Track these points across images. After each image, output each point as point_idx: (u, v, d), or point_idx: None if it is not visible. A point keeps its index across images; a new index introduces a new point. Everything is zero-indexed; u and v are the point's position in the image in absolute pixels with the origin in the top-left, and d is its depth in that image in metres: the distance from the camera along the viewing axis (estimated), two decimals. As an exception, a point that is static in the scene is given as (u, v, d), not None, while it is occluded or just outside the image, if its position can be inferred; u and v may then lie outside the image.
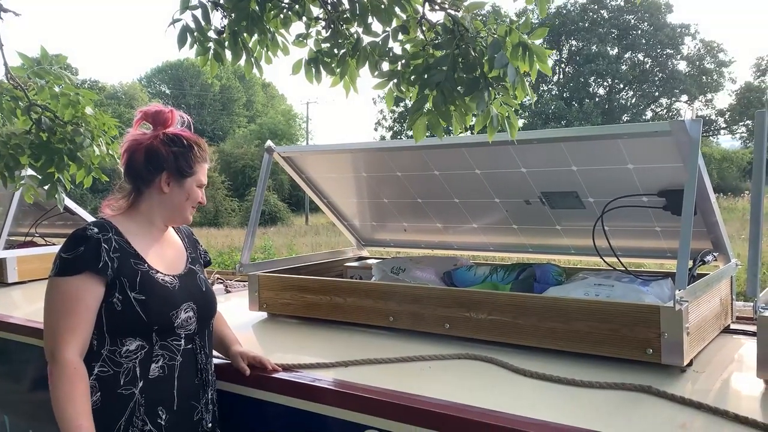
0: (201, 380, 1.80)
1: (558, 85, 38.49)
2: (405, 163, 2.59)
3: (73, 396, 1.59)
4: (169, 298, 1.75)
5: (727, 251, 2.19)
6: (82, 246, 1.66)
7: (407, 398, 1.62)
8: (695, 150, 1.81)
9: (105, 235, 1.70)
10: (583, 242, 2.52)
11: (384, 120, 40.27)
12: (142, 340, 1.70)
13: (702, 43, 37.86)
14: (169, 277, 1.79)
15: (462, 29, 3.00)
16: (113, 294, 1.68)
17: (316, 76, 3.52)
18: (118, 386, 1.66)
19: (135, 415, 1.66)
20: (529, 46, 2.89)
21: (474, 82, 2.92)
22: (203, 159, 1.87)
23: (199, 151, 1.86)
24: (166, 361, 1.73)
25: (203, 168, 1.88)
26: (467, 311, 2.04)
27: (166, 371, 1.72)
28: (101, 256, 1.67)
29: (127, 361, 1.68)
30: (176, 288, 1.78)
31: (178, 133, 1.85)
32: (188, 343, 1.78)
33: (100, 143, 3.33)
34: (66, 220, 4.43)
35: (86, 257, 1.65)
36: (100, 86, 41.72)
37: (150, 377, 1.69)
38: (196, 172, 1.85)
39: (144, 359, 1.69)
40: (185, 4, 3.22)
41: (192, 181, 1.84)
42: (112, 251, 1.69)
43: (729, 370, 1.79)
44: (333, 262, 3.05)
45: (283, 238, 20.81)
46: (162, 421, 1.70)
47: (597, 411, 1.52)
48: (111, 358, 1.67)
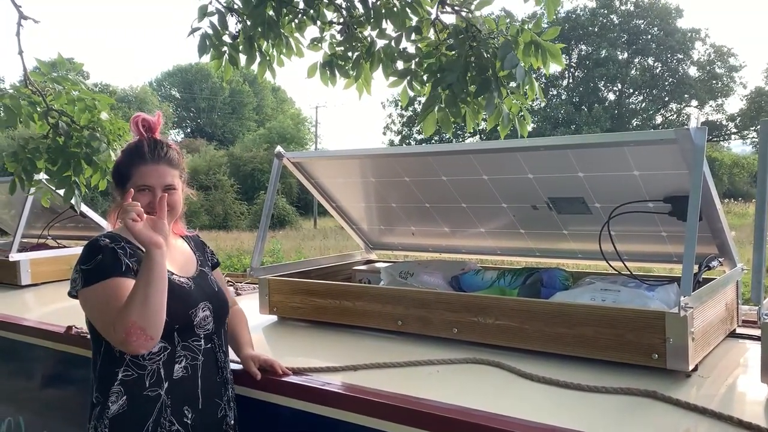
0: (222, 378, 1.84)
1: (567, 89, 38.41)
2: (413, 169, 2.62)
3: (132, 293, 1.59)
4: (187, 298, 1.78)
5: (732, 256, 2.20)
6: (99, 255, 1.68)
7: (415, 402, 1.65)
8: (700, 157, 1.83)
9: (117, 243, 1.72)
10: (589, 247, 2.54)
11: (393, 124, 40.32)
12: (165, 342, 1.72)
13: (712, 47, 37.70)
14: (184, 278, 1.83)
15: (474, 30, 3.04)
16: None
17: (331, 79, 3.59)
18: (144, 388, 1.68)
19: (162, 415, 1.69)
20: (541, 44, 2.92)
21: (485, 83, 2.96)
22: (142, 160, 1.78)
23: (134, 153, 1.80)
24: (189, 362, 1.76)
25: (143, 170, 1.77)
26: (475, 316, 2.06)
27: (190, 371, 1.75)
28: (122, 260, 1.69)
29: (151, 364, 1.70)
30: (192, 288, 1.82)
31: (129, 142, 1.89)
32: (207, 343, 1.81)
33: (115, 147, 3.39)
34: (78, 223, 4.48)
35: (107, 263, 1.67)
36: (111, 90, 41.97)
37: (174, 378, 1.72)
38: (131, 176, 1.78)
39: (167, 361, 1.72)
40: (203, 11, 3.29)
41: (129, 186, 1.76)
42: (128, 256, 1.71)
43: (734, 375, 1.81)
44: (342, 265, 3.08)
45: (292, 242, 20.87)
46: (188, 420, 1.72)
47: (603, 415, 1.53)
48: (134, 362, 1.69)
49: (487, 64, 2.98)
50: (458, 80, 2.98)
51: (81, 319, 2.60)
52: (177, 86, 55.38)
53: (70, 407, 2.68)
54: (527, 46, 2.95)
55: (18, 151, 3.22)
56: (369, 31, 3.43)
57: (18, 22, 3.27)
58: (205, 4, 3.27)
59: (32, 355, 2.83)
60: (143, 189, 1.76)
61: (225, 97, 53.66)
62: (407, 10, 3.23)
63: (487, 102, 3.01)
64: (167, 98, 53.13)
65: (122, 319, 1.56)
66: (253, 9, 3.21)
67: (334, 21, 3.52)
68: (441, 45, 3.22)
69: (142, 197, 1.75)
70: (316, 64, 3.56)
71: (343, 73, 3.55)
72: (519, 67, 2.82)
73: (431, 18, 3.31)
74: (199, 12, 3.28)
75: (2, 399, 3.03)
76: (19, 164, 3.22)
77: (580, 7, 37.80)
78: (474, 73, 3.02)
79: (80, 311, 1.73)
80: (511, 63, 2.82)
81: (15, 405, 2.95)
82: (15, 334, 2.89)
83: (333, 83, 3.58)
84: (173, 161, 1.84)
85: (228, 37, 3.41)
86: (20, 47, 3.29)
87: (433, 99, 3.06)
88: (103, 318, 1.64)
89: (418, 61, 3.30)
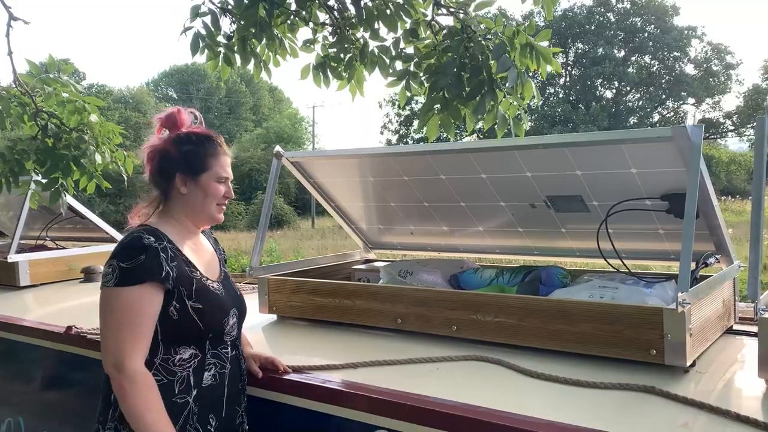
0: (243, 386, 1.85)
1: (564, 88, 38.42)
2: (411, 168, 2.63)
3: (149, 405, 1.58)
4: (221, 305, 1.76)
5: (729, 253, 2.22)
6: (142, 255, 1.63)
7: (416, 399, 1.66)
8: (697, 154, 1.84)
9: (160, 243, 1.68)
10: (587, 245, 2.55)
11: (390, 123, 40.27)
12: (196, 348, 1.70)
13: (709, 45, 37.70)
14: (216, 283, 1.80)
15: (470, 31, 3.05)
16: (171, 302, 1.66)
17: (324, 81, 3.59)
18: (173, 395, 1.66)
19: (188, 422, 1.67)
20: (535, 47, 2.94)
21: (479, 86, 2.97)
22: (218, 152, 1.82)
23: (211, 145, 1.82)
24: (218, 369, 1.74)
25: (220, 161, 1.82)
26: (474, 313, 2.07)
27: (218, 379, 1.74)
28: (163, 266, 1.64)
29: (181, 370, 1.67)
30: (223, 294, 1.80)
31: (190, 131, 1.83)
32: (233, 350, 1.81)
33: (103, 150, 3.39)
34: (76, 224, 4.49)
35: (148, 266, 1.62)
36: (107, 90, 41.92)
37: (203, 385, 1.70)
38: (211, 167, 1.80)
39: (197, 368, 1.70)
40: (195, 11, 3.29)
41: (208, 176, 1.79)
42: (170, 260, 1.67)
43: (731, 370, 1.82)
44: (341, 264, 3.09)
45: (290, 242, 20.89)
46: (211, 428, 1.71)
47: (602, 411, 1.55)
48: (164, 367, 1.66)
49: (481, 66, 2.99)
50: (452, 83, 2.99)
51: (80, 319, 2.63)
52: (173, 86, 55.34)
53: (70, 407, 2.68)
54: (523, 48, 2.96)
55: (6, 152, 3.22)
56: (361, 33, 3.44)
57: (8, 23, 3.27)
58: (197, 4, 3.28)
59: (32, 355, 2.84)
60: (222, 180, 1.82)
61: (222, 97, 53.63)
62: (400, 13, 3.23)
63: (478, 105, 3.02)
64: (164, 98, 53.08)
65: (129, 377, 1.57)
66: (245, 10, 3.22)
67: (326, 23, 3.53)
68: (438, 46, 3.23)
69: (221, 187, 1.82)
70: (309, 65, 3.57)
71: (336, 74, 3.56)
72: (512, 69, 2.83)
73: (427, 19, 3.32)
74: (191, 12, 3.29)
75: (2, 400, 3.03)
76: (7, 165, 3.22)
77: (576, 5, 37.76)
78: (469, 74, 3.03)
79: (79, 311, 1.73)
80: (504, 65, 2.83)
81: (15, 405, 2.95)
82: (14, 334, 2.89)
83: (326, 85, 3.59)
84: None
85: (223, 37, 3.42)
86: (9, 48, 3.29)
87: (431, 102, 3.06)
88: (113, 329, 1.61)
89: (417, 61, 3.30)
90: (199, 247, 1.85)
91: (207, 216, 1.84)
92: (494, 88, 2.98)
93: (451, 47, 3.09)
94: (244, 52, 3.40)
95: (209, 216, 1.84)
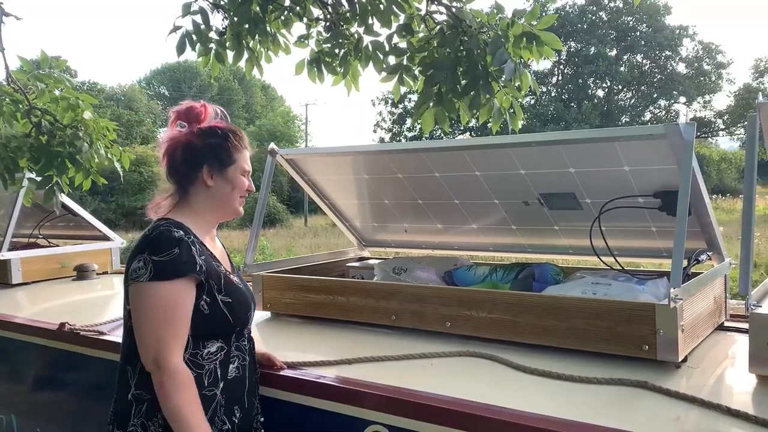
0: (258, 378, 1.86)
1: (557, 86, 38.53)
2: (406, 165, 2.64)
3: (189, 400, 1.57)
4: (246, 299, 1.78)
5: (720, 250, 2.24)
6: (176, 248, 1.61)
7: (410, 394, 1.67)
8: (689, 152, 1.86)
9: (189, 237, 1.67)
10: (580, 242, 2.57)
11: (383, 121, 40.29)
12: (223, 342, 1.70)
13: (700, 44, 37.91)
14: (234, 276, 1.82)
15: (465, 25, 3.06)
16: (201, 297, 1.65)
17: (319, 76, 3.60)
18: (203, 387, 1.65)
19: (216, 415, 1.67)
20: (534, 34, 2.94)
21: (474, 80, 2.98)
22: (242, 146, 1.83)
23: (236, 139, 1.82)
24: (241, 362, 1.75)
25: (244, 155, 1.84)
26: (468, 310, 2.08)
27: (241, 371, 1.75)
28: (196, 259, 1.64)
29: (209, 363, 1.67)
30: (244, 288, 1.81)
31: (213, 125, 1.83)
32: (249, 343, 1.83)
33: (98, 147, 3.37)
34: (68, 222, 4.47)
35: (184, 260, 1.61)
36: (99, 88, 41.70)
37: (228, 378, 1.70)
38: (237, 160, 1.80)
39: (223, 360, 1.70)
40: (186, 9, 3.29)
41: (234, 169, 1.80)
42: (199, 253, 1.67)
43: (722, 365, 1.84)
44: (335, 262, 3.10)
45: (282, 240, 20.84)
46: (236, 419, 1.72)
47: (595, 406, 1.56)
48: (193, 361, 1.65)
49: (477, 59, 3.00)
50: (448, 77, 3.01)
51: (73, 316, 2.62)
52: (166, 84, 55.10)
53: (64, 405, 2.68)
54: (518, 38, 2.96)
55: (0, 150, 3.20)
56: (356, 28, 3.44)
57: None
58: (189, 2, 3.27)
59: (24, 352, 2.83)
60: (246, 173, 1.84)
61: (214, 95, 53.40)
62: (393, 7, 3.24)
63: (473, 99, 3.03)
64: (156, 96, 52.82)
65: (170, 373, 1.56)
66: (239, 6, 3.21)
67: (320, 18, 3.53)
68: (433, 39, 3.24)
69: (245, 181, 1.83)
70: (303, 61, 3.57)
71: (330, 70, 3.57)
72: (509, 63, 2.84)
73: (421, 14, 3.33)
74: (183, 9, 3.28)
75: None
76: (1, 163, 3.20)
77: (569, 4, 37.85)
78: (464, 68, 3.04)
79: (72, 309, 1.73)
80: (501, 59, 2.84)
81: (7, 404, 2.94)
82: (7, 332, 2.88)
83: (321, 80, 3.59)
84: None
85: (215, 34, 3.41)
86: (1, 45, 3.27)
87: (426, 96, 3.08)
88: (151, 325, 1.58)
89: (410, 55, 3.31)
90: (214, 241, 1.86)
91: (231, 209, 1.84)
92: (489, 81, 2.99)
93: (446, 41, 3.10)
94: (238, 47, 3.40)
95: (233, 209, 1.84)
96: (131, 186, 29.45)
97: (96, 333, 2.47)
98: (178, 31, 3.30)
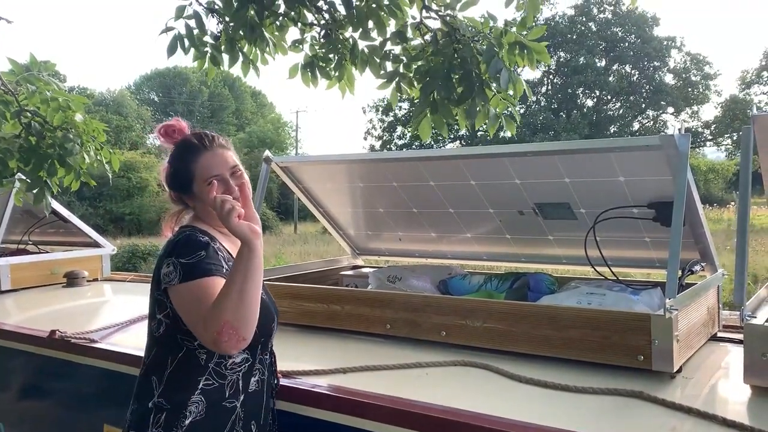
0: (274, 394, 1.82)
1: (546, 96, 38.77)
2: (401, 174, 2.64)
3: (225, 288, 1.49)
4: (270, 309, 1.73)
5: (714, 261, 2.25)
6: (202, 251, 1.59)
7: (405, 403, 1.66)
8: (684, 163, 1.87)
9: (215, 243, 1.65)
10: (574, 252, 2.58)
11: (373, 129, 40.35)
12: (248, 353, 1.66)
13: (688, 55, 38.31)
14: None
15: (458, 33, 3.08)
16: None
17: (312, 80, 3.60)
18: (224, 398, 1.62)
19: (235, 428, 1.64)
20: (525, 44, 2.97)
21: (469, 88, 3.00)
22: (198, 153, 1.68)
23: (185, 151, 1.70)
24: (261, 375, 1.72)
25: (201, 162, 1.67)
26: (463, 319, 2.08)
27: (260, 385, 1.71)
28: (223, 263, 1.61)
29: (232, 374, 1.64)
30: (267, 298, 1.76)
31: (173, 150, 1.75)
32: (271, 357, 1.80)
33: (89, 149, 3.35)
34: (59, 228, 4.44)
35: (210, 261, 1.58)
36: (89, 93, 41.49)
37: (249, 391, 1.67)
38: (194, 174, 1.67)
39: (246, 372, 1.67)
40: (180, 12, 3.28)
41: (197, 185, 1.67)
42: (226, 260, 1.64)
43: (717, 376, 1.85)
44: (328, 270, 3.09)
45: (272, 247, 20.75)
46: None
47: (590, 416, 1.56)
48: (217, 371, 1.62)
49: (471, 67, 3.02)
50: (443, 85, 3.02)
51: (64, 324, 2.60)
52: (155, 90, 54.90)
53: (54, 413, 2.65)
54: (512, 46, 2.99)
55: None
56: (350, 33, 3.45)
57: None
58: (183, 5, 3.26)
59: (14, 360, 2.80)
60: (212, 180, 1.65)
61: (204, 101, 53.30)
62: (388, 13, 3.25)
63: (470, 108, 3.05)
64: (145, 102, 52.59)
65: (214, 317, 1.46)
66: (235, 12, 3.21)
67: (315, 23, 3.54)
68: (427, 47, 3.26)
69: (213, 187, 1.63)
70: (297, 65, 3.58)
71: (324, 74, 3.57)
72: (503, 71, 2.86)
73: (416, 22, 3.34)
74: (176, 12, 3.27)
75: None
76: None
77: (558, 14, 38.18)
78: (459, 76, 3.06)
79: (62, 316, 1.71)
80: (496, 68, 2.86)
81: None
82: (-4, 339, 2.85)
83: (315, 84, 3.60)
84: (224, 143, 1.74)
85: (210, 38, 3.41)
86: None
87: (423, 105, 3.09)
88: (193, 316, 1.53)
89: (406, 63, 3.33)
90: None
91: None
92: (484, 88, 3.01)
93: (440, 51, 3.12)
94: (233, 51, 3.39)
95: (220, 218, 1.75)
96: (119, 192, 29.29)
97: (87, 341, 2.45)
98: (169, 33, 3.29)
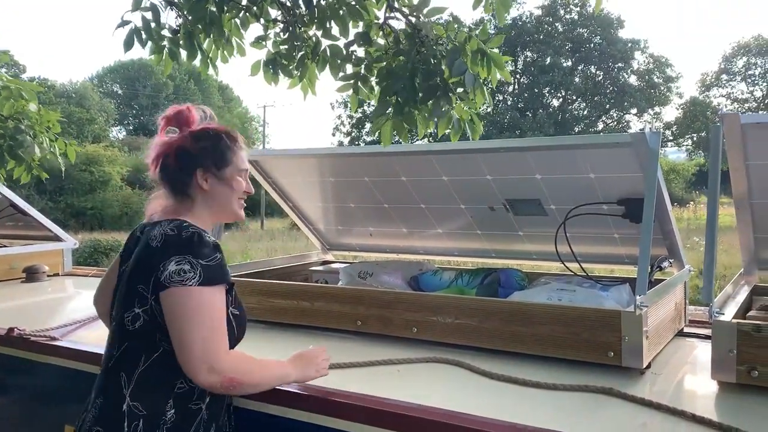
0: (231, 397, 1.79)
1: (513, 95, 39.17)
2: (372, 169, 2.62)
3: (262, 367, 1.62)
4: (245, 313, 1.72)
5: (681, 257, 2.28)
6: (218, 254, 1.57)
7: (377, 401, 1.64)
8: (654, 160, 1.89)
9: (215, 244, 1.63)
10: (544, 248, 2.59)
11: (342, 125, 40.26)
12: None
13: (651, 58, 39.14)
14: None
15: (422, 35, 3.06)
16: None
17: (274, 78, 3.54)
18: (190, 401, 1.59)
19: (199, 430, 1.60)
20: (487, 53, 2.96)
21: (432, 89, 2.98)
22: (237, 146, 1.77)
23: (229, 139, 1.76)
24: None
25: (240, 155, 1.77)
26: (434, 315, 2.07)
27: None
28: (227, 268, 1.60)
29: None
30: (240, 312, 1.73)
31: (204, 126, 1.76)
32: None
33: (42, 140, 3.25)
34: (17, 221, 4.30)
35: (224, 266, 1.57)
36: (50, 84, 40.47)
37: (214, 394, 1.62)
38: (232, 161, 1.73)
39: None
40: (137, 4, 3.19)
41: (231, 170, 1.73)
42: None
43: (685, 371, 1.87)
44: (298, 266, 3.05)
45: (238, 243, 20.52)
46: None
47: (561, 412, 1.56)
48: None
49: (434, 70, 3.00)
50: (405, 87, 2.99)
51: (23, 321, 2.51)
52: (119, 82, 53.84)
53: (13, 414, 2.56)
54: (474, 54, 2.98)
55: None
56: (314, 31, 3.41)
57: None
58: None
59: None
60: (243, 173, 1.77)
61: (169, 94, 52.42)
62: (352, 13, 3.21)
63: (434, 107, 3.03)
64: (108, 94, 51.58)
65: (232, 366, 1.51)
66: (194, 4, 3.14)
67: (278, 19, 3.48)
68: (390, 49, 3.23)
69: (242, 181, 1.76)
70: (260, 62, 3.52)
71: (286, 72, 3.51)
72: (468, 73, 2.85)
73: (379, 22, 3.32)
74: (133, 3, 3.18)
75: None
76: None
77: (525, 14, 38.58)
78: (420, 80, 3.03)
79: (21, 312, 1.64)
80: (459, 70, 2.85)
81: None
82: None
83: (275, 82, 3.54)
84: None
85: (168, 32, 3.32)
86: None
87: (383, 106, 3.05)
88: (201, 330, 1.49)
89: (367, 65, 3.29)
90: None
91: (230, 211, 1.76)
92: (448, 92, 2.99)
93: (403, 51, 3.09)
94: (191, 48, 3.32)
95: (232, 212, 1.76)
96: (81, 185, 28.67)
97: (48, 338, 2.37)
98: (126, 27, 3.20)
